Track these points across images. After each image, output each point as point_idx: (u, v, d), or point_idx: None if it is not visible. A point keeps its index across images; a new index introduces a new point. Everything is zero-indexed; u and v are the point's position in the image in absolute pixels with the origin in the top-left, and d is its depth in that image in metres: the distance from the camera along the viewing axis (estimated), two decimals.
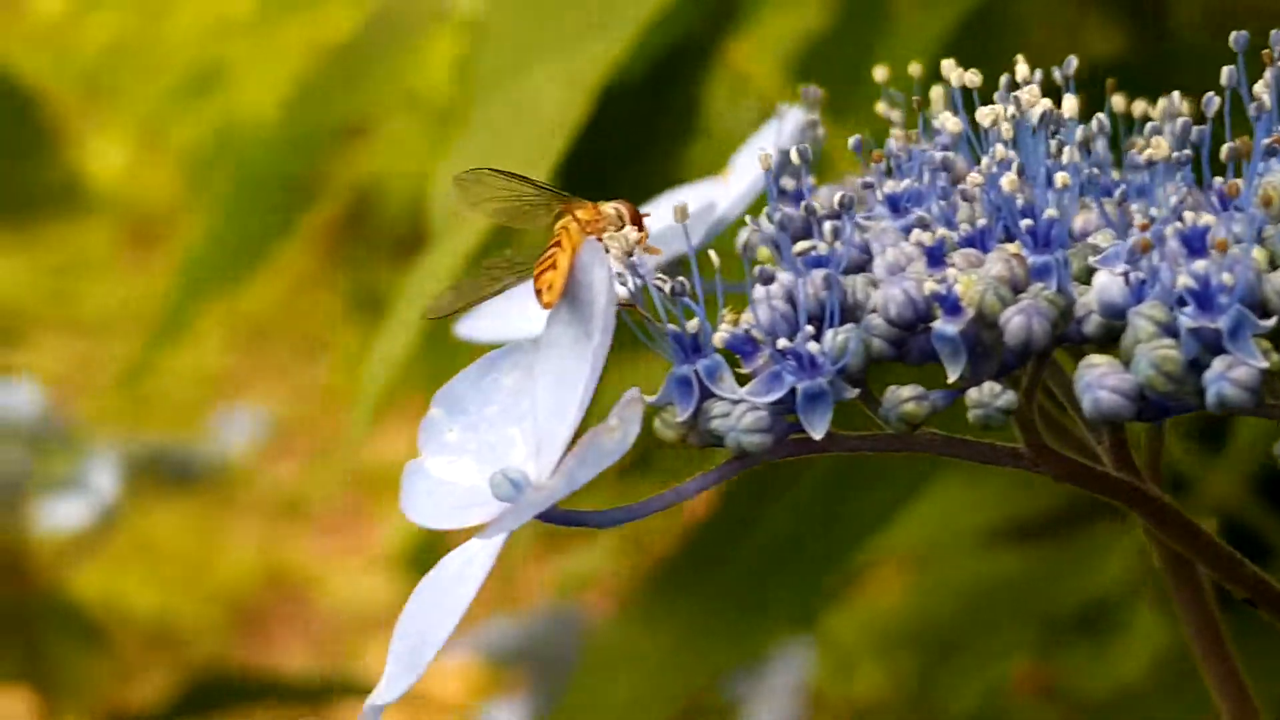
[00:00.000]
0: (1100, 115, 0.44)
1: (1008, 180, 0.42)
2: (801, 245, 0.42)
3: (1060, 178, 0.42)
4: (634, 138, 0.99)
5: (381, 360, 0.80)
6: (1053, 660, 1.34)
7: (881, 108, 0.51)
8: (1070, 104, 0.43)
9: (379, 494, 2.54)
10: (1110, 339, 0.41)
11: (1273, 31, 0.44)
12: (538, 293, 0.44)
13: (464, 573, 0.40)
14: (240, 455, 1.67)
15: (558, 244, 0.45)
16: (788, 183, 0.50)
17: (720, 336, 0.42)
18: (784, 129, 0.53)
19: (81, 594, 1.56)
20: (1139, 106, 0.49)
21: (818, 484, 1.02)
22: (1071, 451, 0.44)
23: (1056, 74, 0.46)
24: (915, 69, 0.49)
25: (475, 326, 0.54)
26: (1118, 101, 0.49)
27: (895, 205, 0.45)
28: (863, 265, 0.44)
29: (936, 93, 0.49)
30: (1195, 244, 0.39)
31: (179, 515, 2.58)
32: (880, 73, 0.51)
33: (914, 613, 1.44)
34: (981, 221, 0.43)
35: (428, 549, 1.82)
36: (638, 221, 0.47)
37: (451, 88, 1.57)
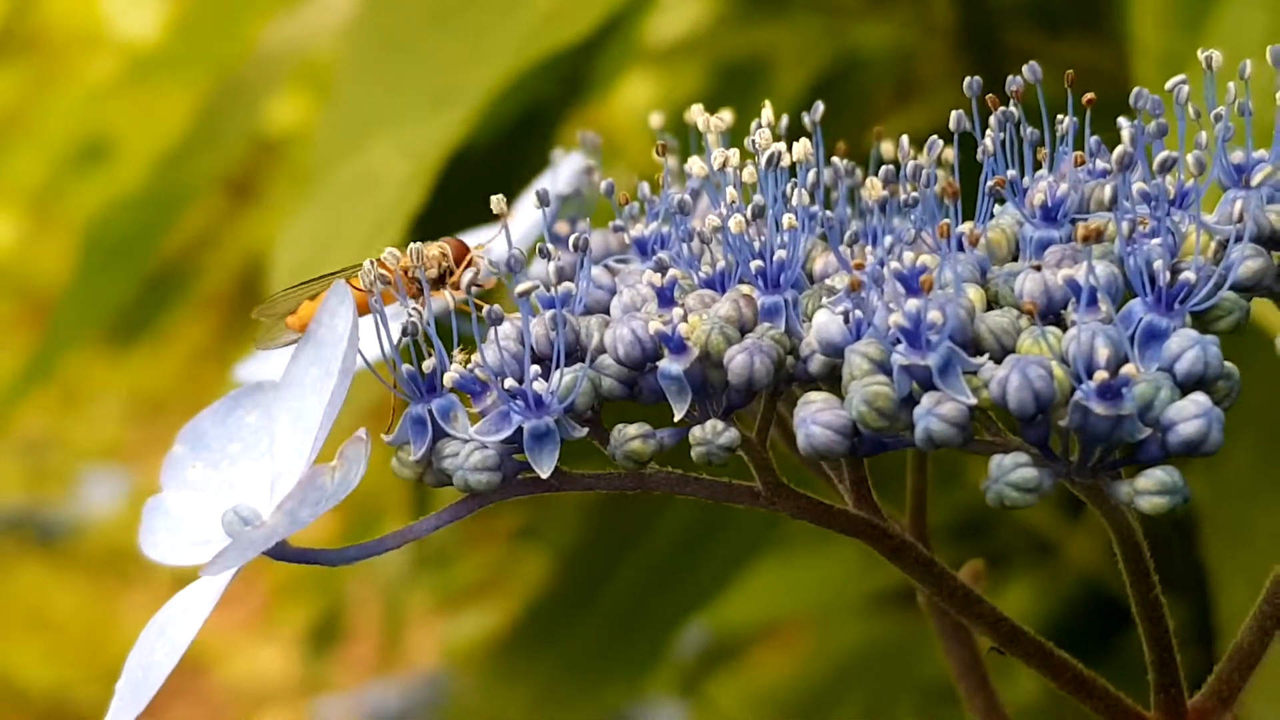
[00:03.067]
0: (836, 160, 0.45)
1: (735, 222, 0.42)
2: (524, 285, 0.42)
3: (788, 219, 0.42)
4: (485, 201, 1.00)
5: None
6: None
7: (656, 155, 0.51)
8: (801, 148, 0.44)
9: (274, 568, 2.53)
10: (836, 378, 0.41)
11: (1010, 78, 0.44)
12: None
13: (189, 610, 0.40)
14: (103, 515, 1.66)
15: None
16: (561, 227, 0.51)
17: (450, 377, 0.42)
18: (559, 175, 0.53)
19: None
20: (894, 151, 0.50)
21: (665, 542, 1.03)
22: (820, 481, 0.45)
23: (806, 119, 0.47)
24: (655, 120, 0.50)
25: (254, 371, 0.55)
26: (887, 150, 0.49)
27: (643, 248, 0.46)
28: (608, 307, 0.44)
29: (713, 139, 0.49)
30: (911, 283, 0.40)
31: (74, 591, 2.56)
32: (656, 119, 0.51)
33: (793, 680, 1.44)
34: (721, 264, 0.43)
35: (327, 623, 1.82)
36: (461, 257, 0.47)
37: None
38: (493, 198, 0.45)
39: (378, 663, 2.08)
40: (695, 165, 0.46)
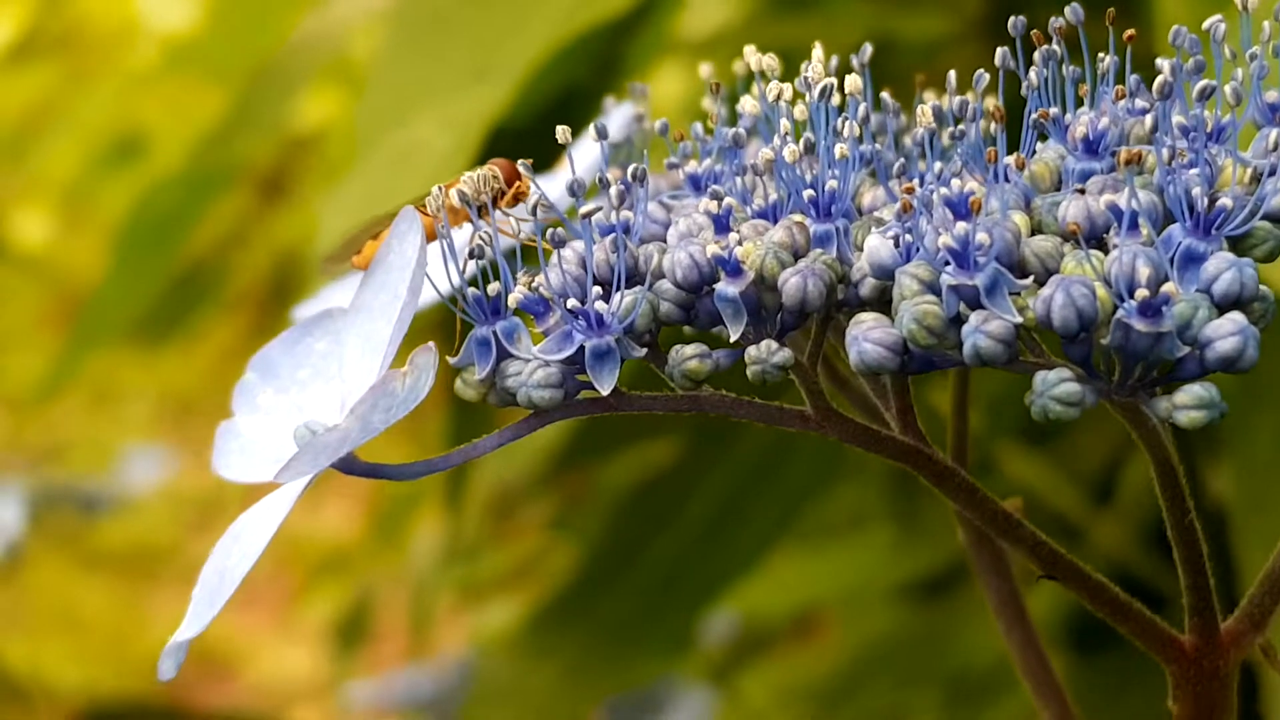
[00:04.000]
0: (885, 95, 0.46)
1: (789, 151, 0.44)
2: (586, 208, 0.44)
3: (840, 149, 0.44)
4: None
5: None
6: (959, 717, 1.36)
7: (707, 103, 0.53)
8: (853, 83, 0.46)
9: (304, 568, 2.54)
10: (885, 301, 0.43)
11: (1052, 19, 0.46)
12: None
13: (264, 517, 0.41)
14: (145, 492, 1.68)
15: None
16: (614, 173, 0.52)
17: (514, 298, 0.44)
18: (612, 121, 0.55)
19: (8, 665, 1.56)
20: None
21: (694, 524, 1.04)
22: (863, 416, 0.46)
23: (854, 60, 0.48)
24: (705, 70, 0.51)
25: (313, 310, 0.56)
26: (929, 98, 0.51)
27: (697, 184, 0.47)
28: (663, 237, 0.46)
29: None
30: (960, 209, 0.41)
31: (102, 589, 2.58)
32: (705, 70, 0.53)
33: (821, 671, 1.46)
34: (773, 196, 0.45)
35: (354, 621, 1.83)
36: (512, 177, 0.49)
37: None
38: (559, 127, 0.46)
39: (405, 659, 2.10)
40: (748, 103, 0.48)
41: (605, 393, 0.43)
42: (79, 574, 2.68)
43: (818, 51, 0.47)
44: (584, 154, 0.56)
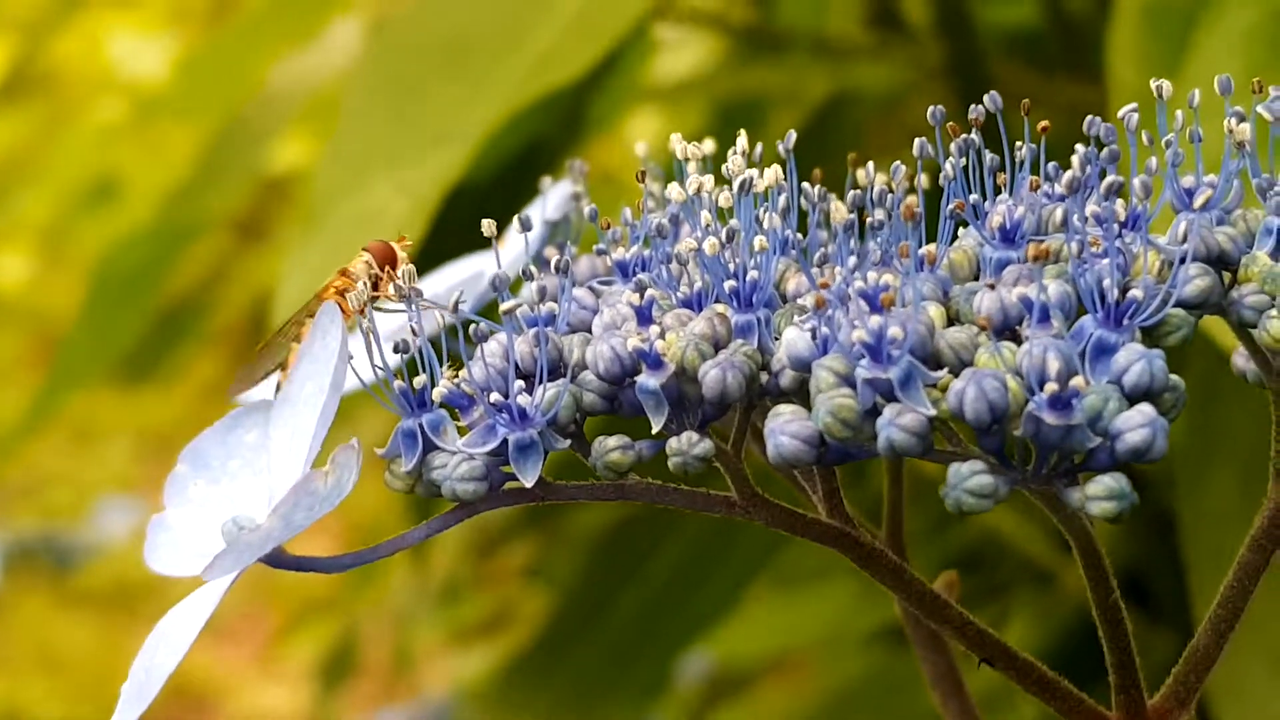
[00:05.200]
0: (806, 185, 0.47)
1: (709, 244, 0.45)
2: (508, 304, 0.44)
3: (759, 241, 0.45)
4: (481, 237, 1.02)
5: None
6: None
7: (636, 180, 0.53)
8: (773, 174, 0.46)
9: (284, 605, 2.55)
10: (806, 392, 0.43)
11: (972, 106, 0.47)
12: (277, 387, 0.48)
13: (190, 615, 0.42)
14: (117, 543, 1.69)
15: (297, 339, 0.48)
16: (550, 251, 0.53)
17: (439, 392, 0.44)
18: (549, 201, 0.56)
19: None
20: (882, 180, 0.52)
21: (666, 567, 1.05)
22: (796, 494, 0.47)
23: (780, 147, 0.49)
24: (640, 149, 0.52)
25: (248, 392, 0.57)
26: (861, 177, 0.51)
27: (625, 270, 0.48)
28: (591, 325, 0.47)
29: (693, 167, 0.51)
30: (874, 302, 0.42)
31: (82, 626, 2.59)
32: (641, 148, 0.54)
33: (795, 713, 1.46)
34: (698, 285, 0.46)
35: (337, 660, 1.84)
36: (388, 259, 0.50)
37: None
38: (484, 221, 0.47)
39: (386, 699, 2.10)
40: (674, 191, 0.48)
41: (529, 484, 0.43)
42: (58, 612, 2.68)
43: (741, 142, 0.48)
44: (516, 242, 0.56)
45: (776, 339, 0.45)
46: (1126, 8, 0.76)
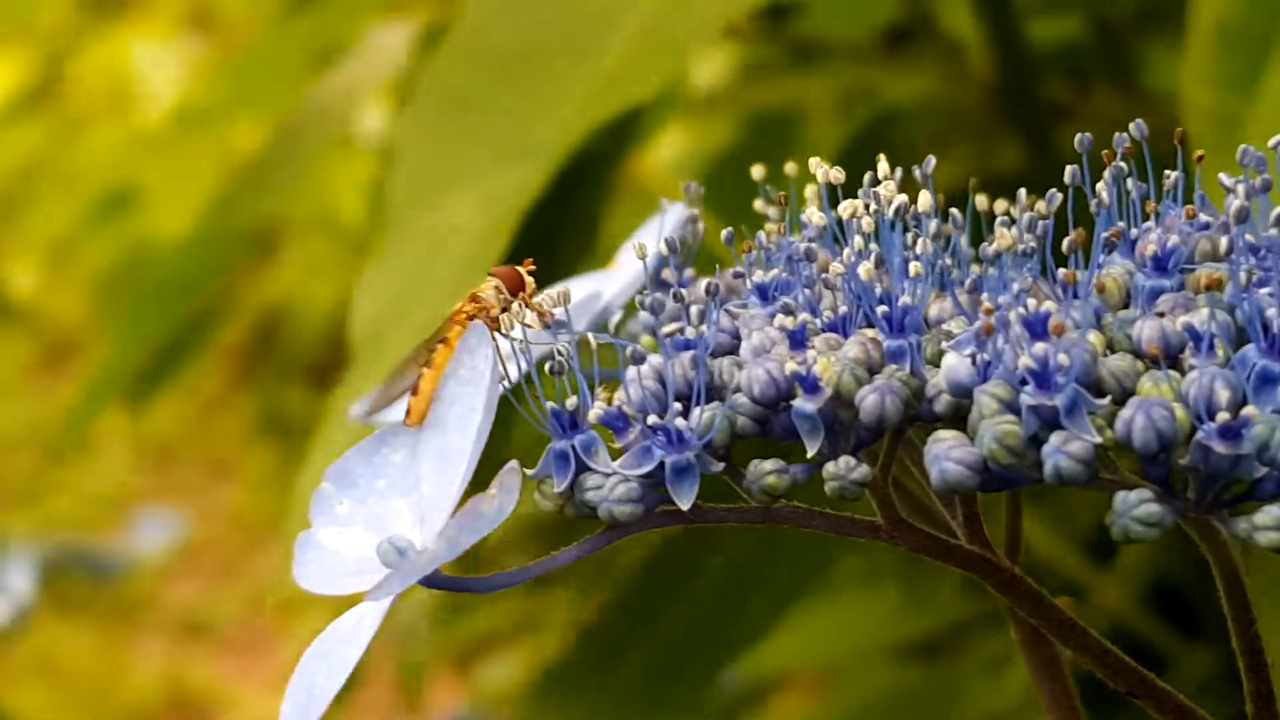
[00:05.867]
0: (954, 210, 0.47)
1: (864, 269, 0.45)
2: (669, 328, 0.44)
3: (914, 267, 0.45)
4: (532, 254, 1.01)
5: (308, 490, 0.78)
6: None
7: (759, 204, 0.54)
8: (925, 200, 0.46)
9: (285, 614, 2.54)
10: (959, 417, 0.43)
11: (1115, 134, 0.47)
12: (406, 413, 0.47)
13: (353, 634, 0.42)
14: (153, 557, 1.68)
15: (429, 364, 0.48)
16: (668, 274, 0.53)
17: (595, 413, 0.44)
18: (666, 223, 0.56)
19: None
20: (1000, 205, 0.52)
21: (713, 581, 1.04)
22: (928, 526, 0.47)
23: (916, 172, 0.49)
24: (791, 169, 0.52)
25: (362, 408, 0.57)
26: (980, 201, 0.51)
27: (764, 294, 0.48)
28: (732, 349, 0.47)
29: (810, 190, 0.51)
30: (1037, 328, 0.42)
31: (83, 634, 2.58)
32: (757, 171, 0.54)
33: None
34: (843, 309, 0.46)
35: None
36: (518, 285, 0.49)
37: (363, 213, 1.61)
38: (637, 243, 0.47)
39: (393, 712, 2.09)
40: (814, 216, 0.48)
41: (685, 508, 0.43)
42: (57, 621, 2.67)
43: (883, 167, 0.48)
44: (630, 265, 0.56)
45: (926, 364, 0.45)
46: (1201, 29, 0.76)
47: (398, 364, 0.51)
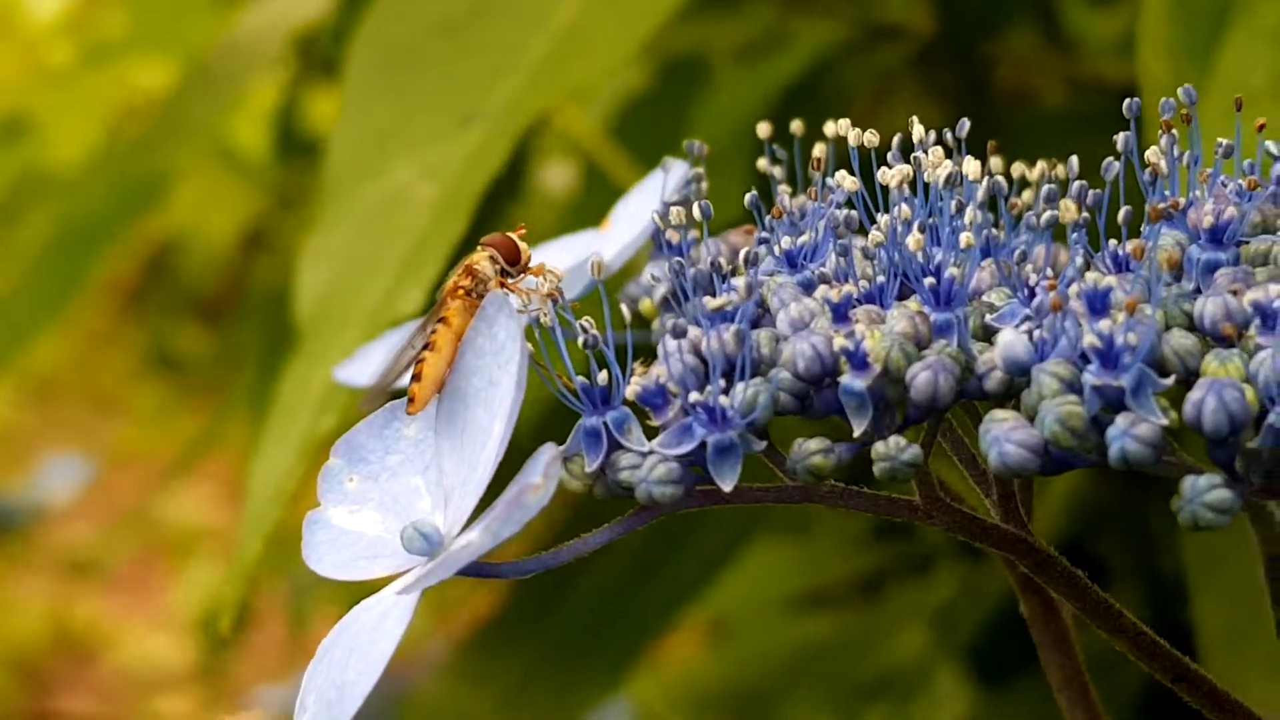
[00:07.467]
0: (998, 177, 0.45)
1: (913, 239, 0.43)
2: (715, 302, 0.42)
3: (965, 238, 0.43)
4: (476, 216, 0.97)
5: (265, 480, 0.74)
6: None
7: (763, 164, 0.51)
8: (972, 166, 0.44)
9: (170, 554, 2.50)
10: (1009, 395, 0.41)
11: (1161, 100, 0.45)
12: (409, 400, 0.44)
13: (381, 627, 0.39)
14: (59, 503, 1.64)
15: (429, 346, 0.45)
16: (673, 235, 0.50)
17: (633, 389, 0.42)
18: (668, 182, 0.53)
19: None
20: (1017, 169, 0.50)
21: (635, 545, 1.03)
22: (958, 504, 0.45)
23: (949, 136, 0.47)
24: (764, 129, 0.50)
25: (354, 371, 0.54)
26: (996, 164, 0.49)
27: (792, 261, 0.46)
28: (757, 320, 0.44)
29: (819, 150, 0.49)
30: (1097, 304, 0.40)
31: (28, 592, 2.53)
32: (763, 129, 0.51)
33: (722, 677, 1.45)
34: (880, 279, 0.44)
35: (214, 613, 1.80)
36: (515, 255, 0.47)
37: (264, 144, 1.56)
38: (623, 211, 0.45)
39: (280, 655, 2.06)
40: (846, 180, 0.46)
41: (728, 489, 0.41)
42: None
43: (919, 130, 0.46)
44: (633, 222, 0.54)
45: (972, 339, 0.43)
46: None
47: (392, 354, 0.48)
